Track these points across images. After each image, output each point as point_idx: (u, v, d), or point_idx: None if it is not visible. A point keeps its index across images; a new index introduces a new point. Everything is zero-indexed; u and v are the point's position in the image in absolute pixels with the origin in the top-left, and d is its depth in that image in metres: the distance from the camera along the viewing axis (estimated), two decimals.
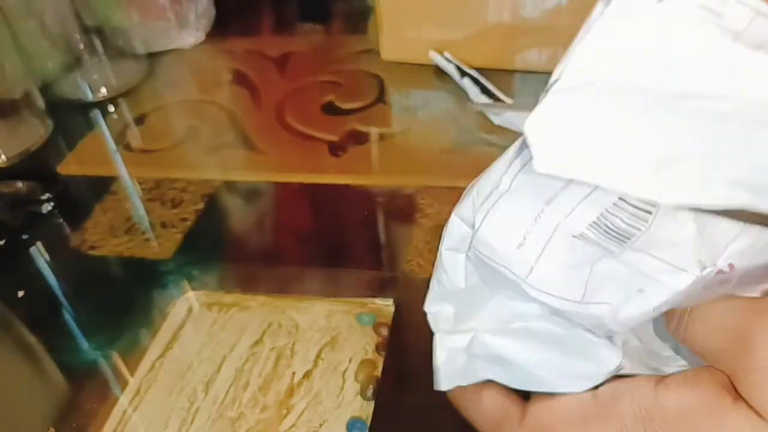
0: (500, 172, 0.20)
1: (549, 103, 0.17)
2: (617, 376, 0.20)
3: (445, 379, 0.24)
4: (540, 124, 0.17)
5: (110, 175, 0.51)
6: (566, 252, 0.19)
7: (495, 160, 0.21)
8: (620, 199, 0.18)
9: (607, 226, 0.18)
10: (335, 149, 0.51)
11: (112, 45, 0.61)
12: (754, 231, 0.17)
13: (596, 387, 0.20)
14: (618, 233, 0.18)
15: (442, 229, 0.22)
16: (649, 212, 0.17)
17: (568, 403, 0.20)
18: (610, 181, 0.16)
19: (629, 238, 0.18)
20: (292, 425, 0.33)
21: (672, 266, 0.18)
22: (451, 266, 0.22)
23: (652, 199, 0.16)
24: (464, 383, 0.24)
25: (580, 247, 0.19)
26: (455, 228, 0.21)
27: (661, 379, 0.19)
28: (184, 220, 0.46)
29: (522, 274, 0.19)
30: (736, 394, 0.17)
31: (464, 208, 0.21)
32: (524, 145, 0.19)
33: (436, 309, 0.23)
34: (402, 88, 0.58)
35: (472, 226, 0.20)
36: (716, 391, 0.17)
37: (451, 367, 0.24)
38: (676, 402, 0.18)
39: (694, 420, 0.18)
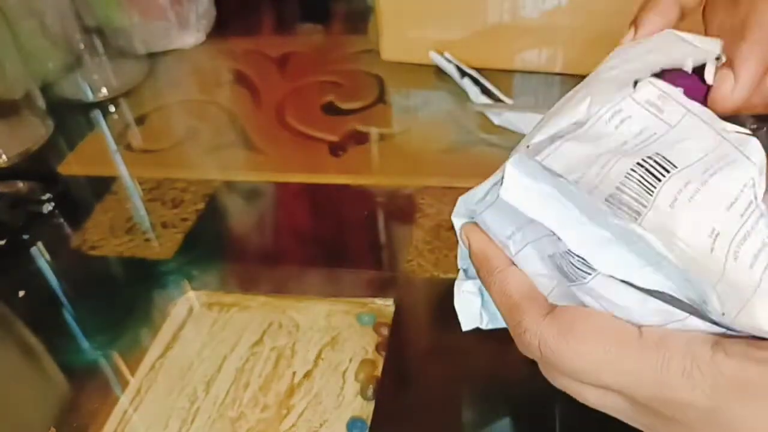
0: (487, 187, 0.23)
1: (533, 149, 0.21)
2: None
3: (465, 322, 0.28)
4: (521, 162, 0.21)
5: (111, 175, 0.51)
6: (534, 261, 0.23)
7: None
8: (567, 252, 0.21)
9: (558, 264, 0.21)
10: (335, 149, 0.51)
11: (112, 45, 0.61)
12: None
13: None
14: (565, 274, 0.21)
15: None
16: (589, 273, 0.20)
17: (610, 321, 0.20)
18: (560, 233, 0.20)
19: (575, 281, 0.21)
20: (293, 425, 0.33)
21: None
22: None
23: (589, 263, 0.20)
24: (483, 326, 0.28)
25: (545, 263, 0.22)
26: (460, 207, 0.26)
27: (718, 340, 0.18)
28: (184, 220, 0.46)
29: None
30: None
31: (470, 196, 0.25)
32: None
33: (466, 265, 0.27)
34: (402, 88, 0.58)
35: (473, 212, 0.25)
36: None
37: (469, 309, 0.28)
38: (736, 372, 0.18)
39: (752, 394, 0.17)
